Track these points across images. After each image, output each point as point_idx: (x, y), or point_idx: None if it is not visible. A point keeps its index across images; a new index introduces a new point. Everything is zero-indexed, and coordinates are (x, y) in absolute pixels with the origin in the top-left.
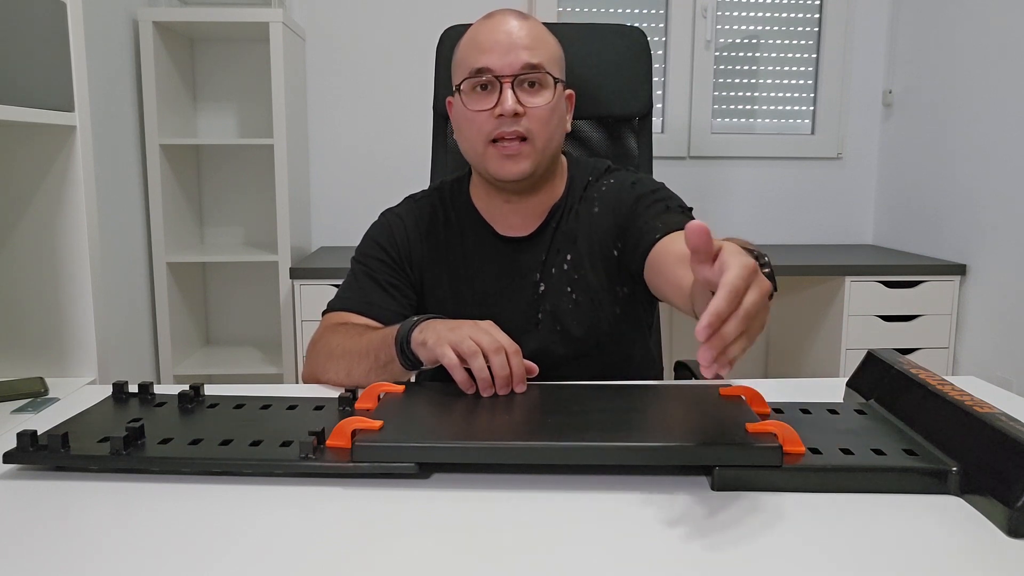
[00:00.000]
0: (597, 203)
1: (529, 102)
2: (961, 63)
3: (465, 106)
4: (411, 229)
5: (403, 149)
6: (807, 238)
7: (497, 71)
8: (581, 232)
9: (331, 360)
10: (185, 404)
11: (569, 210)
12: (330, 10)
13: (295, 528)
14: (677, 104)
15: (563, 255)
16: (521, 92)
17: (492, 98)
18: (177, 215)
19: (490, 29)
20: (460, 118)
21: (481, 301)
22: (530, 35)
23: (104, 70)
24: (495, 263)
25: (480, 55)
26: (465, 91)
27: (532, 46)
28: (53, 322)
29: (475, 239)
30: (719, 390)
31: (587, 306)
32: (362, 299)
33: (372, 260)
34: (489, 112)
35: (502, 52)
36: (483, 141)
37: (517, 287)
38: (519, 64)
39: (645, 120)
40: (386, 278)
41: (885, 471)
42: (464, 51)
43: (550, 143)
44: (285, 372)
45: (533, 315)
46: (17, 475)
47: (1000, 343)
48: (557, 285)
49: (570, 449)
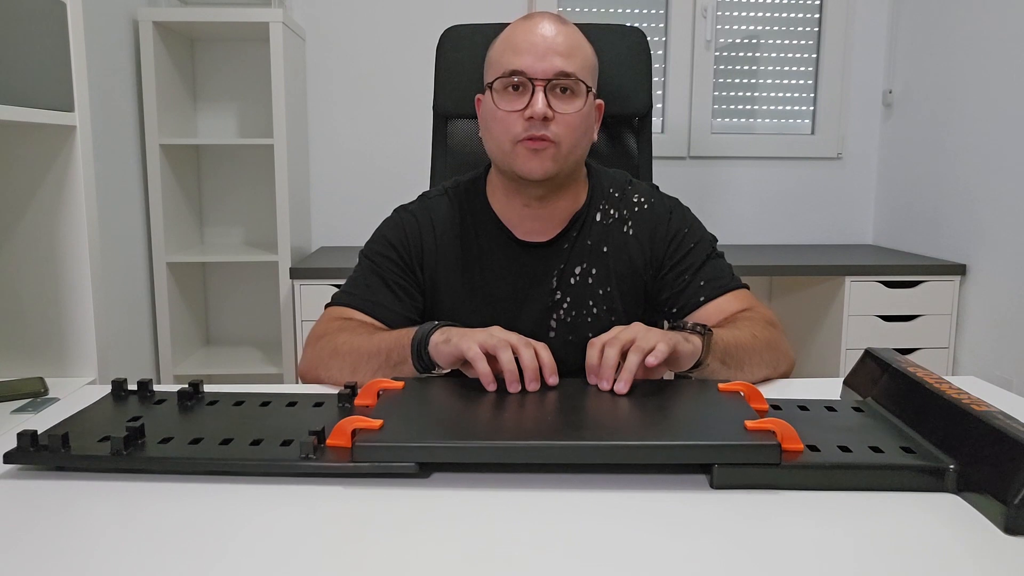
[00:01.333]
0: (632, 224)
1: (560, 108)
2: (961, 63)
3: (496, 105)
4: (425, 229)
5: (403, 149)
6: (807, 238)
7: (531, 74)
8: (612, 248)
9: (335, 357)
10: (185, 402)
11: (591, 220)
12: (330, 10)
13: (295, 527)
14: (677, 104)
15: (588, 267)
16: (553, 97)
17: (523, 100)
18: (177, 215)
19: (527, 31)
20: (489, 116)
21: (494, 305)
22: (567, 42)
23: (104, 70)
24: (511, 267)
25: (515, 56)
26: (497, 90)
27: (568, 53)
28: (53, 322)
29: (491, 242)
30: (717, 386)
31: (607, 322)
32: (368, 298)
33: (382, 258)
34: (519, 113)
35: (538, 56)
36: (510, 141)
37: (533, 293)
38: (553, 70)
39: (645, 120)
40: (394, 278)
41: (883, 469)
42: (499, 50)
43: (575, 149)
44: (285, 372)
45: (547, 322)
46: (17, 475)
47: (1000, 343)
48: (578, 296)
49: (570, 448)
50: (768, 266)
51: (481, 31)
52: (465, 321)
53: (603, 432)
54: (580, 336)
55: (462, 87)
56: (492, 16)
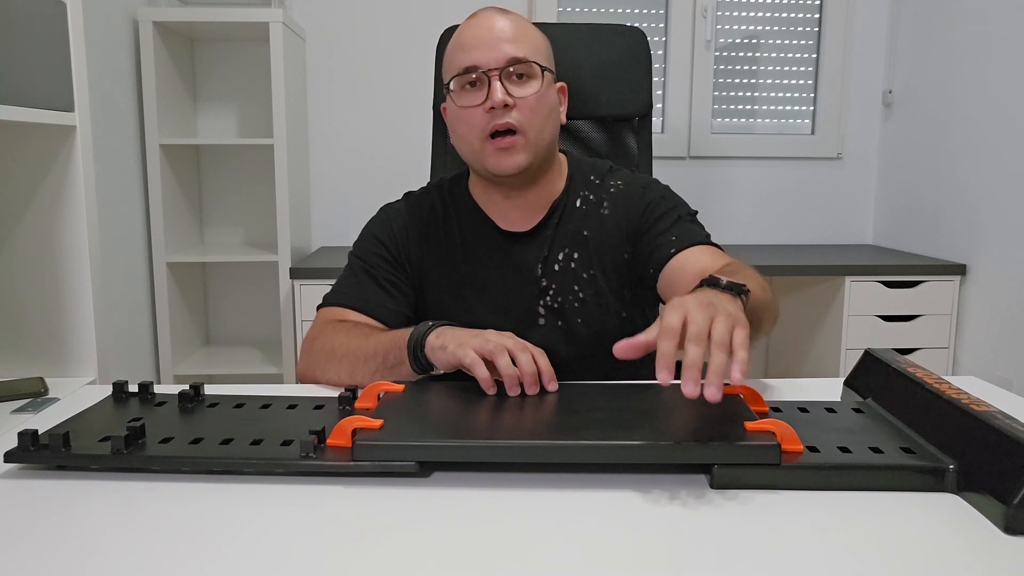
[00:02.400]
0: (607, 205)
1: (518, 92)
2: (961, 63)
3: (456, 104)
4: (411, 225)
5: (403, 149)
6: (807, 238)
7: (483, 66)
8: (591, 231)
9: (332, 360)
10: (185, 404)
11: (571, 206)
12: (330, 10)
13: (296, 527)
14: (677, 104)
15: (570, 252)
16: (509, 84)
17: (482, 94)
18: (177, 215)
19: (473, 27)
20: (453, 118)
21: (481, 295)
22: (513, 29)
23: (104, 70)
24: (496, 257)
25: (465, 53)
26: (455, 90)
27: (516, 39)
28: (53, 322)
29: (475, 234)
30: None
31: (594, 306)
32: (359, 296)
33: (371, 256)
34: (480, 107)
35: (487, 48)
36: (478, 138)
37: (518, 281)
38: (505, 58)
39: (645, 120)
40: (384, 275)
41: (883, 469)
42: (451, 52)
43: (543, 133)
44: (285, 372)
45: (535, 310)
46: (18, 474)
47: (1000, 343)
48: (563, 282)
49: (570, 448)
50: (768, 266)
51: None
52: (455, 315)
53: (603, 432)
54: (568, 322)
55: None
56: None
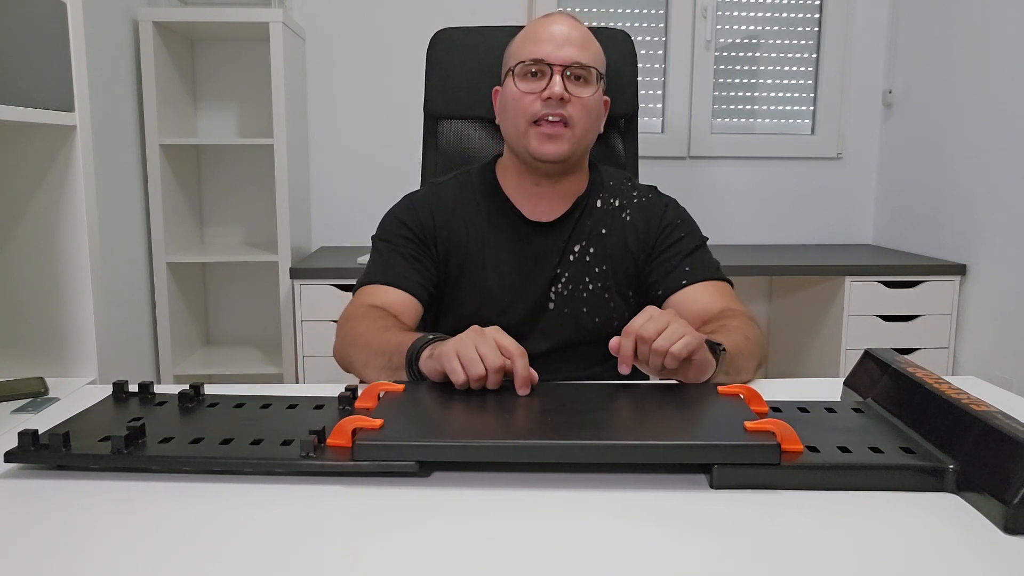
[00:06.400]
0: (629, 211)
1: (574, 91)
2: (961, 63)
3: (516, 87)
4: (437, 211)
5: (403, 149)
6: (807, 238)
7: (549, 60)
8: (609, 232)
9: (355, 348)
10: (185, 403)
11: (592, 205)
12: (330, 10)
13: (296, 526)
14: (677, 104)
15: (586, 246)
16: (568, 83)
17: (542, 83)
18: (177, 215)
19: (546, 25)
20: (508, 99)
21: (501, 279)
22: (582, 36)
23: (104, 70)
24: (520, 246)
25: (535, 46)
26: (518, 74)
27: (582, 46)
28: (53, 322)
29: (501, 222)
30: (717, 389)
31: (601, 297)
32: (387, 271)
33: (395, 236)
34: (537, 95)
35: (556, 46)
36: (527, 121)
37: (536, 268)
38: (570, 59)
39: (631, 121)
40: (410, 251)
41: (882, 469)
42: (520, 42)
43: (587, 133)
44: (285, 372)
45: (547, 294)
46: (18, 474)
47: (1000, 343)
48: (576, 271)
49: (570, 448)
50: (768, 266)
51: (471, 34)
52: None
53: (603, 432)
54: (575, 309)
55: (452, 88)
56: (490, 17)
